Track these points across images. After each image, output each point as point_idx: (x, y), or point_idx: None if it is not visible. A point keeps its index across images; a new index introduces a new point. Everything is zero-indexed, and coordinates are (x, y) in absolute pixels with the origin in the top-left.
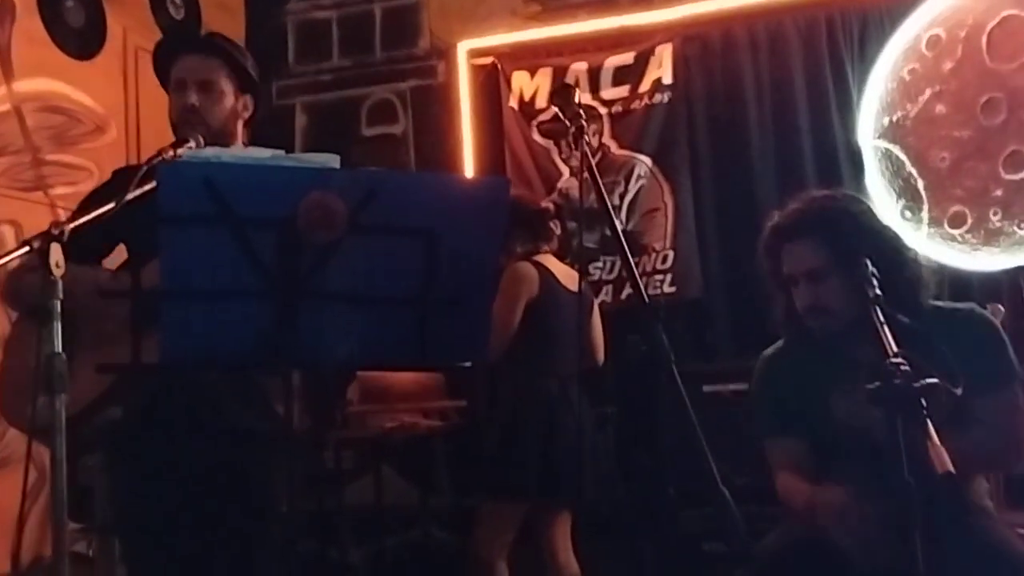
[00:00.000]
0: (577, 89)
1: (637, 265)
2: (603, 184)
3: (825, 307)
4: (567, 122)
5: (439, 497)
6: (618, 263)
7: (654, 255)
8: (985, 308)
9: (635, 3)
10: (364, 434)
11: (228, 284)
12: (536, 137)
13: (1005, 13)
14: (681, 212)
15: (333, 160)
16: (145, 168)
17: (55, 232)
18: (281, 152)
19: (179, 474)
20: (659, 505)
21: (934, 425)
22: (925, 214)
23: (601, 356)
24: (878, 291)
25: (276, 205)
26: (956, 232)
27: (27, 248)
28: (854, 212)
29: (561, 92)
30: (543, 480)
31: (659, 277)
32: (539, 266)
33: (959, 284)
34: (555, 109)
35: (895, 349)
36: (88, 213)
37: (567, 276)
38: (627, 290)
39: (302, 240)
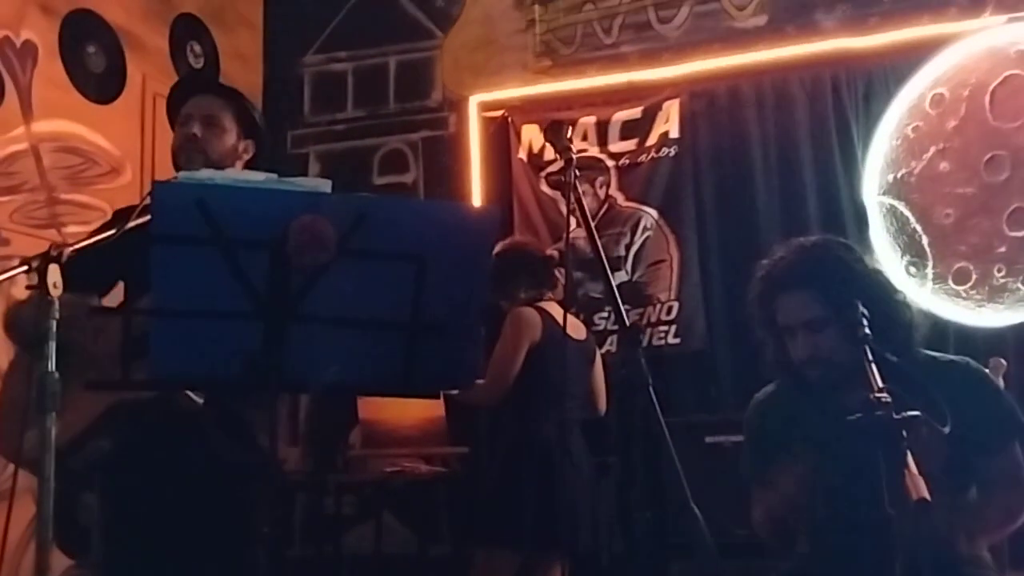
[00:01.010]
0: (569, 126)
1: (642, 316)
2: (609, 235)
3: (825, 357)
4: (558, 155)
5: (438, 545)
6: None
7: (659, 306)
8: (988, 361)
9: (643, 59)
10: (365, 478)
11: (217, 304)
12: (544, 188)
13: (1007, 73)
14: (686, 264)
15: (324, 185)
16: (145, 201)
17: (54, 253)
18: (274, 176)
19: (166, 508)
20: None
21: (930, 471)
22: (929, 270)
23: (603, 405)
24: (867, 331)
25: (267, 227)
26: (960, 288)
27: (26, 268)
28: (847, 260)
29: (552, 128)
30: (539, 528)
31: (663, 328)
32: (542, 312)
33: (963, 338)
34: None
35: (881, 384)
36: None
37: (570, 324)
38: None
39: (291, 262)
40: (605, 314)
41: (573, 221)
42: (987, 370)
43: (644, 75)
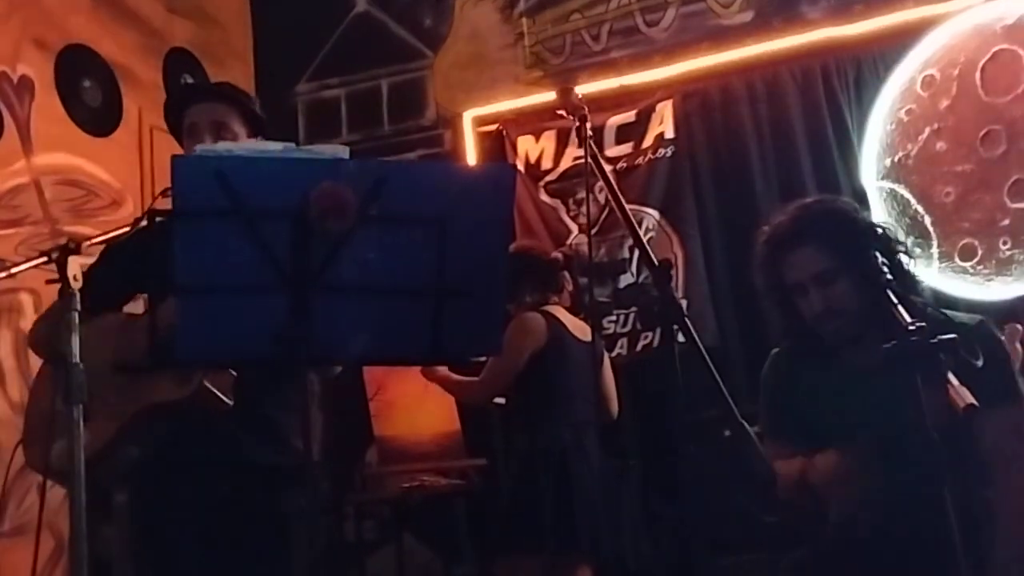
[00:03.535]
0: (576, 89)
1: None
2: (612, 239)
3: (839, 308)
4: (570, 116)
5: (461, 565)
6: (631, 316)
7: None
8: (1004, 327)
9: (633, 63)
10: (383, 495)
11: (242, 278)
12: (544, 197)
13: (996, 48)
14: (691, 262)
15: (343, 151)
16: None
17: (72, 246)
18: (292, 144)
19: (198, 513)
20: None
21: None
22: (935, 250)
23: (615, 409)
24: (889, 276)
25: (288, 196)
26: (967, 265)
27: (45, 259)
28: (848, 212)
29: (562, 91)
30: (559, 532)
31: (673, 327)
32: (548, 316)
33: (974, 309)
34: (560, 112)
35: (910, 320)
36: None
37: (578, 327)
38: (642, 342)
39: (313, 231)
40: (614, 318)
41: (578, 229)
42: (1002, 337)
43: (635, 79)
